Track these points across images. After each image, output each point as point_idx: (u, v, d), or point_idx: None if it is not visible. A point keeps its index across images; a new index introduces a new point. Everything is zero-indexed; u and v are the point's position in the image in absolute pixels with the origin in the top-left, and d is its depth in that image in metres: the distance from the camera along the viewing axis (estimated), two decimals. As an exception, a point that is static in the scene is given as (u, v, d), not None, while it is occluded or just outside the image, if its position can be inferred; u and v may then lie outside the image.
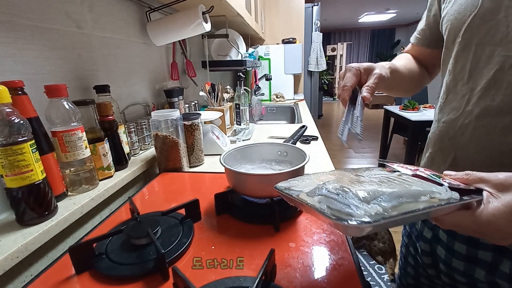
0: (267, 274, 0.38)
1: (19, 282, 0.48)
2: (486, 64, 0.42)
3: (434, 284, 0.59)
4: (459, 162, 0.47)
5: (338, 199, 0.29)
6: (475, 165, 0.44)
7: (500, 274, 0.44)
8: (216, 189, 0.63)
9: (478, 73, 0.43)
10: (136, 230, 0.47)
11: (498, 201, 0.29)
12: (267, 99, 2.62)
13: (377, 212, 0.27)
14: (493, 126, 0.41)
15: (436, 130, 0.52)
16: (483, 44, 0.42)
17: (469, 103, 0.44)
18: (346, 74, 0.50)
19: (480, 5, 0.41)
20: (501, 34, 0.40)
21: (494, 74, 0.40)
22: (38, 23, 0.60)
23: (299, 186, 0.36)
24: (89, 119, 0.66)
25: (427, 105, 3.08)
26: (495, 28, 0.40)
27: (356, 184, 0.33)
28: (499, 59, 0.40)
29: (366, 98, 0.47)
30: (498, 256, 0.44)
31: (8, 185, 0.47)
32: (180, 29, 1.00)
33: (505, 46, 0.39)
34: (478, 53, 0.43)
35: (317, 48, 3.03)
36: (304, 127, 1.18)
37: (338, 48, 8.04)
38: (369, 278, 1.60)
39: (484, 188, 0.31)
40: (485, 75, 0.42)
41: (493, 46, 0.41)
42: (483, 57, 0.42)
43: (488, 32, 0.41)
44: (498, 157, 0.41)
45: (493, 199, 0.29)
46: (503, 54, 0.39)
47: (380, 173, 0.38)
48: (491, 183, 0.31)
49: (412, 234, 0.62)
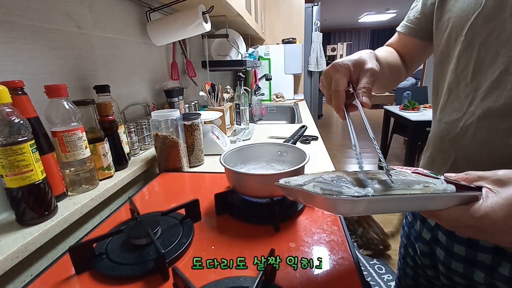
0: (267, 274, 0.38)
1: (19, 282, 0.48)
2: (491, 65, 0.41)
3: (433, 285, 0.58)
4: (459, 163, 0.47)
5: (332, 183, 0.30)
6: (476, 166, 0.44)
7: (499, 277, 0.43)
8: (216, 189, 0.63)
9: (481, 74, 0.42)
10: (136, 230, 0.47)
11: (497, 195, 0.29)
12: (267, 99, 2.62)
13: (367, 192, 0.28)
14: (495, 127, 0.41)
15: (436, 131, 0.51)
16: (487, 44, 0.41)
17: (472, 104, 0.43)
18: (335, 76, 0.43)
19: (484, 3, 0.40)
20: (507, 35, 0.38)
21: (498, 75, 0.40)
22: (38, 23, 0.60)
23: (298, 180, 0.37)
24: (89, 119, 0.66)
25: (427, 105, 3.07)
26: (500, 28, 0.39)
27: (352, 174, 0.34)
28: (505, 59, 0.39)
29: (366, 104, 0.41)
30: (497, 258, 0.44)
31: (8, 185, 0.47)
32: (180, 29, 1.00)
33: (510, 47, 0.38)
34: (482, 53, 0.42)
35: (317, 48, 3.03)
36: (304, 127, 1.18)
37: (338, 48, 8.05)
38: (369, 278, 1.60)
39: (483, 185, 0.31)
40: (489, 76, 0.41)
41: (497, 47, 0.40)
42: (487, 58, 0.41)
43: (492, 31, 0.40)
44: (499, 159, 0.41)
45: (492, 194, 0.29)
46: (509, 55, 0.38)
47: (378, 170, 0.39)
48: (489, 179, 0.30)
49: (411, 235, 0.62)
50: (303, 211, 0.58)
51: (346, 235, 0.50)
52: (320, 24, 3.08)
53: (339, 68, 0.43)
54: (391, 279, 1.59)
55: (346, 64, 0.43)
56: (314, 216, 0.56)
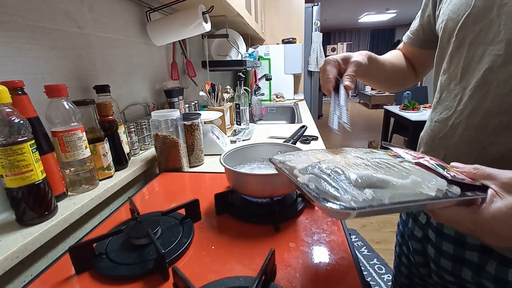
0: (267, 274, 0.38)
1: (19, 282, 0.48)
2: (478, 64, 0.41)
3: (426, 284, 0.59)
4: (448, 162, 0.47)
5: (329, 180, 0.29)
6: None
7: (486, 275, 0.44)
8: (216, 189, 0.63)
9: (470, 73, 0.43)
10: (136, 230, 0.47)
11: (502, 202, 0.27)
12: (267, 99, 2.61)
13: (366, 199, 0.26)
14: (482, 126, 0.41)
15: (428, 130, 0.52)
16: (476, 44, 0.42)
17: (460, 103, 0.44)
18: (327, 67, 0.52)
19: (473, 4, 0.41)
20: (493, 33, 0.39)
21: (484, 74, 0.40)
22: (38, 23, 0.60)
23: (294, 161, 0.36)
24: (89, 119, 0.66)
25: (427, 105, 3.08)
26: (488, 27, 0.40)
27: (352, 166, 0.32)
28: (490, 58, 0.39)
29: (348, 86, 0.49)
30: (484, 256, 0.44)
31: (8, 185, 0.47)
32: (180, 29, 1.00)
33: (496, 45, 0.39)
34: (471, 53, 0.42)
35: (317, 48, 3.03)
36: (304, 127, 1.18)
37: (338, 48, 8.05)
38: (369, 278, 1.60)
39: (490, 186, 0.29)
40: (476, 74, 0.41)
41: (485, 46, 0.40)
42: (476, 57, 0.42)
43: (481, 31, 0.41)
44: (486, 159, 0.41)
45: (497, 199, 0.28)
46: (494, 53, 0.39)
47: (381, 157, 0.37)
48: (499, 181, 0.29)
49: (405, 233, 0.62)
50: (303, 211, 0.58)
51: (346, 235, 0.50)
52: (320, 24, 3.08)
53: (330, 62, 0.52)
54: (391, 279, 1.59)
55: (336, 59, 0.53)
56: (314, 216, 0.56)
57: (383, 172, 0.31)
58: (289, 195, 0.63)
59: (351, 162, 0.34)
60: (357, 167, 0.32)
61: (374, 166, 0.33)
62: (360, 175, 0.30)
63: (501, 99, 0.39)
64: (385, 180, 0.30)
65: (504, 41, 0.38)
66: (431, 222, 0.52)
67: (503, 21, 0.38)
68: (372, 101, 7.12)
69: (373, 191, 0.28)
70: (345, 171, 0.30)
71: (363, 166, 0.33)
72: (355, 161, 0.34)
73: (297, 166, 0.34)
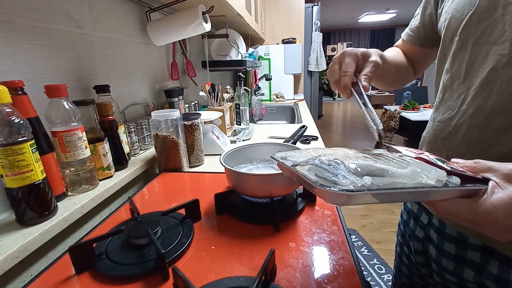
0: (267, 274, 0.38)
1: (19, 282, 0.48)
2: (482, 63, 0.41)
3: (427, 284, 0.59)
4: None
5: (328, 169, 0.29)
6: None
7: (487, 275, 0.44)
8: (216, 189, 0.63)
9: (473, 72, 0.42)
10: (136, 230, 0.47)
11: (503, 192, 0.27)
12: (267, 99, 2.62)
13: (365, 184, 0.26)
14: (485, 126, 0.41)
15: (430, 130, 0.52)
16: (480, 43, 0.41)
17: (464, 103, 0.44)
18: (346, 60, 0.49)
19: (477, 3, 0.41)
20: (497, 33, 0.39)
21: (488, 73, 0.40)
22: (38, 23, 0.60)
23: (295, 157, 0.36)
24: (89, 119, 0.66)
25: (427, 105, 3.08)
26: (492, 27, 0.40)
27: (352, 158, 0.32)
28: (494, 58, 0.39)
29: (366, 87, 0.47)
30: (486, 256, 0.44)
31: (8, 185, 0.47)
32: (180, 29, 1.00)
33: (500, 45, 0.39)
34: (474, 52, 0.42)
35: (317, 48, 3.03)
36: (304, 127, 1.18)
37: (338, 48, 8.06)
38: (369, 278, 1.60)
39: (491, 178, 0.29)
40: (480, 74, 0.41)
41: (489, 45, 0.40)
42: (479, 56, 0.41)
43: (484, 30, 0.41)
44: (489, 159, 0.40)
45: (498, 190, 0.27)
46: (498, 53, 0.39)
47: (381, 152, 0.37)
48: (499, 173, 0.29)
49: (405, 233, 0.62)
50: (303, 211, 0.58)
51: (346, 235, 0.50)
52: (320, 24, 3.07)
53: (350, 53, 0.49)
54: (391, 279, 1.59)
55: (355, 52, 0.49)
56: (314, 216, 0.56)
57: (382, 163, 0.31)
58: (289, 195, 0.63)
59: (351, 155, 0.34)
60: (356, 159, 0.32)
61: (373, 158, 0.33)
62: (359, 164, 0.30)
63: (505, 99, 0.38)
64: (384, 169, 0.30)
65: (508, 41, 0.38)
66: (433, 223, 0.52)
67: (508, 21, 0.38)
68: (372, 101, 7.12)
69: (372, 178, 0.28)
70: (344, 162, 0.30)
71: (363, 157, 0.33)
72: (355, 154, 0.35)
73: (298, 160, 0.34)
